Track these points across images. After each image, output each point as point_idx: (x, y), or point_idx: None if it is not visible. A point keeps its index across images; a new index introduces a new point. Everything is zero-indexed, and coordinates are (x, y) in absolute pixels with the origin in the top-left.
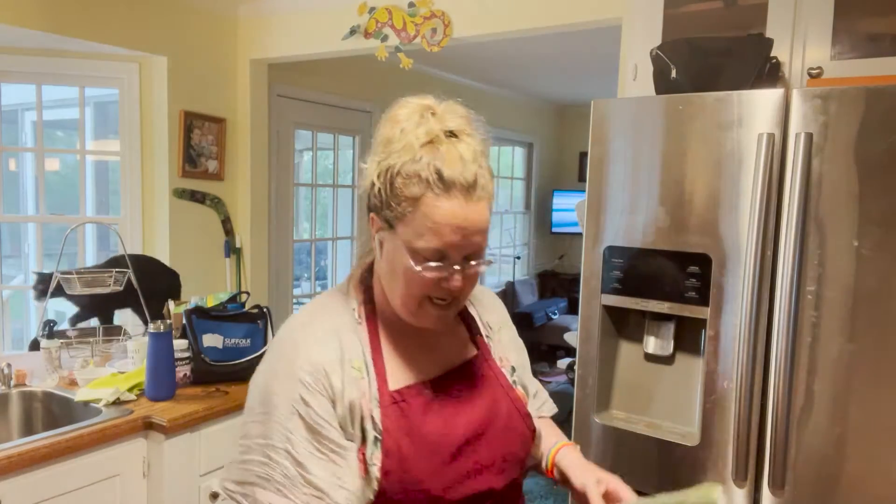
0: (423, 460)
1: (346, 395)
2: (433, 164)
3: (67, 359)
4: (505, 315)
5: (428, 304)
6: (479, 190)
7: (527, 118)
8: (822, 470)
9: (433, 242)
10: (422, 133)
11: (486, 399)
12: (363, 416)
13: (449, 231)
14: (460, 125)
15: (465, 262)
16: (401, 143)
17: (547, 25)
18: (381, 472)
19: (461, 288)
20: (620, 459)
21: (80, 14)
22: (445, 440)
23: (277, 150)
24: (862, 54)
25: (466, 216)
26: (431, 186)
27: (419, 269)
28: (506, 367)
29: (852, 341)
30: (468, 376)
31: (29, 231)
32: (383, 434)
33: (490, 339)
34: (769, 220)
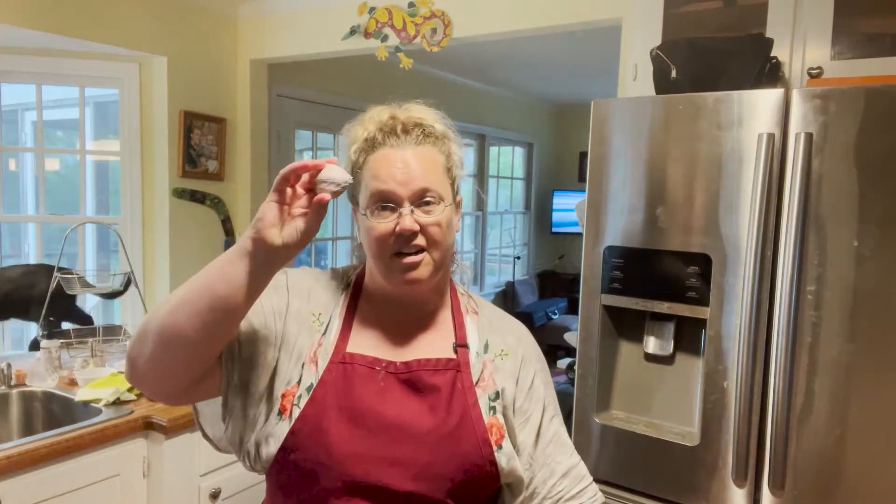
0: (342, 422)
1: (296, 328)
2: (375, 116)
3: (67, 359)
4: (519, 348)
5: (397, 260)
6: (421, 134)
7: (527, 118)
8: (822, 470)
9: (377, 184)
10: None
11: (436, 403)
12: (306, 361)
13: (386, 174)
14: (422, 114)
15: (419, 205)
16: (360, 136)
17: (547, 25)
18: (300, 415)
19: (417, 232)
20: (620, 459)
21: (80, 14)
22: (372, 416)
23: (277, 150)
24: (862, 54)
25: (404, 157)
26: (373, 142)
27: (371, 218)
28: (485, 388)
29: (852, 341)
30: (428, 374)
31: (29, 231)
32: (317, 384)
33: (479, 356)
34: (769, 220)
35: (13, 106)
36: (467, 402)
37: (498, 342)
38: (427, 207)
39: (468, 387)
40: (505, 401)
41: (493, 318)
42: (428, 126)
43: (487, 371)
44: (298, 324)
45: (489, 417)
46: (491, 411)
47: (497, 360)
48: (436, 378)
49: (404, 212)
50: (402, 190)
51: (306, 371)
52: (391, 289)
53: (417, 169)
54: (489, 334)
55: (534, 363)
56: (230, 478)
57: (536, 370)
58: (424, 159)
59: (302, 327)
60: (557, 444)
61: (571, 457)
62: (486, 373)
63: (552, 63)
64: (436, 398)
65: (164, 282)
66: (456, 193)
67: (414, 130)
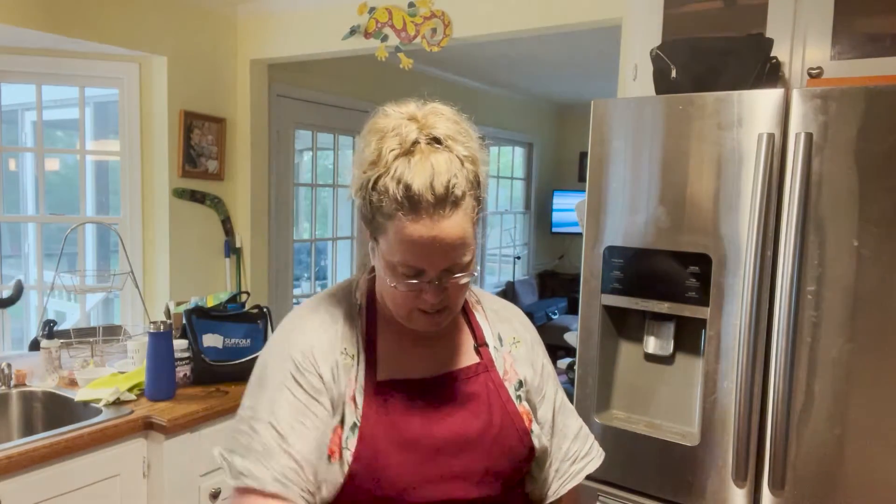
0: (397, 454)
1: (335, 380)
2: (403, 178)
3: (67, 359)
4: (525, 332)
5: (417, 313)
6: (452, 201)
7: (527, 118)
8: (822, 470)
9: (405, 259)
10: (395, 143)
11: (478, 408)
12: (345, 401)
13: (419, 248)
14: (447, 130)
15: (446, 274)
16: (375, 155)
17: (547, 25)
18: (353, 456)
19: (443, 301)
20: (620, 459)
21: (80, 14)
22: (424, 440)
23: (277, 150)
24: (862, 54)
25: (437, 232)
26: (400, 203)
27: (394, 285)
28: (510, 380)
29: (852, 341)
30: (464, 383)
31: (29, 231)
32: (362, 420)
33: (497, 350)
34: (769, 220)
35: (13, 106)
36: (502, 398)
37: (508, 331)
38: (456, 276)
39: (499, 384)
40: (528, 387)
41: (494, 306)
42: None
43: (508, 363)
44: (334, 378)
45: (519, 406)
46: (518, 400)
47: (513, 350)
48: (470, 385)
49: (430, 282)
50: (430, 266)
51: (348, 410)
52: (406, 325)
53: (450, 245)
54: (498, 325)
55: (538, 344)
56: None
57: (541, 351)
58: (456, 233)
59: (339, 374)
60: (566, 411)
61: (577, 419)
62: (508, 365)
63: (552, 63)
64: (476, 404)
65: (164, 282)
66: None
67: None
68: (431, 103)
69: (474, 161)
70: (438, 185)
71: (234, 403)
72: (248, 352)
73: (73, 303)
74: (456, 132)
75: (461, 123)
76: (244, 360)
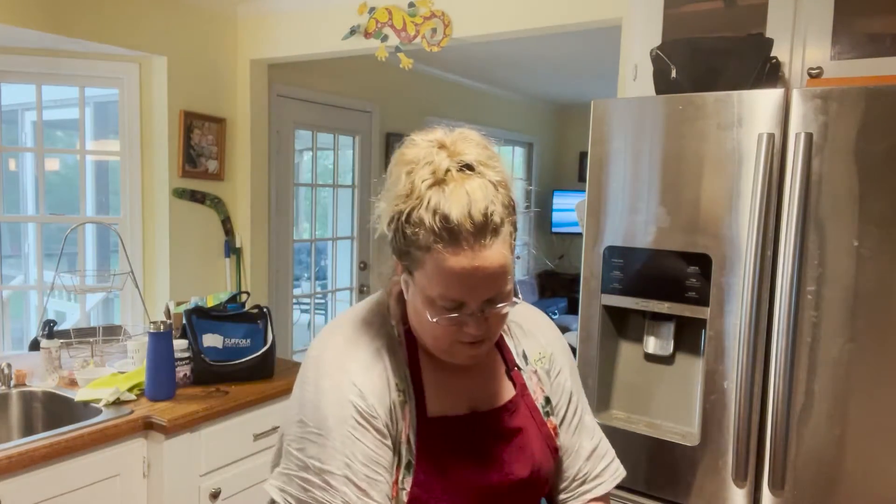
0: (449, 496)
1: (393, 421)
2: (439, 208)
3: (67, 359)
4: (548, 345)
5: (457, 345)
6: (493, 230)
7: (527, 118)
8: (822, 470)
9: (446, 292)
10: (427, 173)
11: (525, 444)
12: (401, 440)
13: (460, 280)
14: (477, 156)
15: (487, 304)
16: (407, 188)
17: (547, 25)
18: (409, 496)
19: (484, 332)
20: (620, 459)
21: (80, 14)
22: (476, 480)
23: (277, 150)
24: (862, 54)
25: (479, 263)
26: (438, 234)
27: (435, 319)
28: (538, 399)
29: (852, 341)
30: (509, 419)
31: (29, 231)
32: (416, 460)
33: (523, 371)
34: (769, 220)
35: (13, 106)
36: (537, 423)
37: (533, 348)
38: (499, 306)
39: (534, 408)
40: (552, 403)
41: (521, 319)
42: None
43: (534, 382)
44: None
45: (548, 422)
46: (546, 415)
47: (539, 368)
48: (515, 420)
49: (472, 314)
50: (471, 298)
51: (404, 449)
52: (445, 358)
53: (491, 275)
54: (524, 342)
55: (560, 357)
56: (230, 478)
57: (563, 365)
58: (497, 262)
59: (397, 413)
60: (582, 430)
61: (593, 438)
62: (534, 384)
63: (552, 63)
64: (523, 439)
65: (164, 282)
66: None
67: (488, 227)
68: (458, 129)
69: (506, 185)
70: (477, 213)
71: (234, 403)
72: (248, 352)
73: (73, 303)
74: (486, 157)
75: (490, 148)
76: (244, 360)
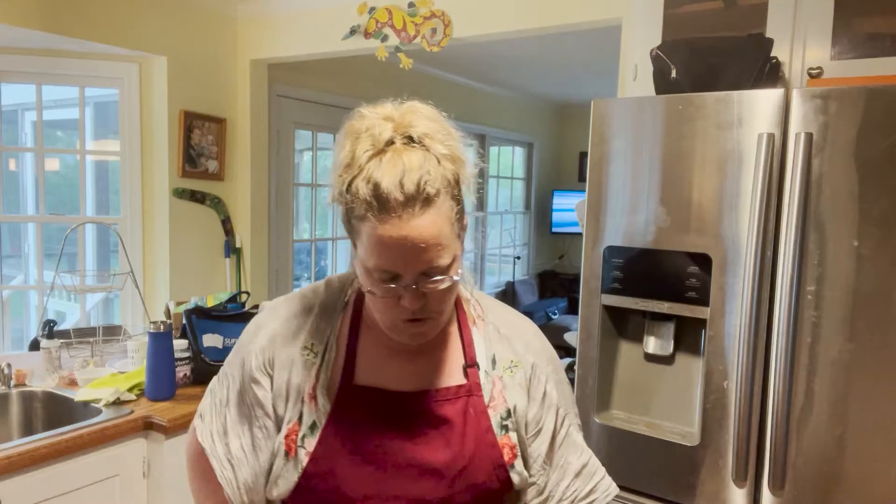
0: (354, 464)
1: (287, 372)
2: (372, 178)
3: (67, 359)
4: (527, 355)
5: (401, 324)
6: (424, 199)
7: (527, 118)
8: (822, 470)
9: (378, 262)
10: (368, 144)
11: (451, 435)
12: (304, 399)
13: (390, 250)
14: (426, 129)
15: (423, 278)
16: (349, 158)
17: (547, 25)
18: (310, 457)
19: (425, 309)
20: (620, 459)
21: (80, 14)
22: (385, 457)
23: (277, 150)
24: (862, 54)
25: (408, 232)
26: (370, 204)
27: (371, 290)
28: (496, 408)
29: (852, 341)
30: (440, 405)
31: (29, 231)
32: (327, 421)
33: (487, 374)
34: (769, 220)
35: (13, 106)
36: (480, 427)
37: (506, 353)
38: (434, 280)
39: (481, 411)
40: (517, 417)
41: (501, 322)
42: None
43: (497, 389)
44: (288, 370)
45: (501, 438)
46: (503, 430)
47: (506, 376)
48: (446, 408)
49: (407, 287)
50: (405, 270)
51: (306, 409)
52: (392, 336)
53: (422, 246)
54: (496, 345)
55: (544, 368)
56: None
57: (548, 374)
58: (427, 233)
59: (293, 368)
60: (570, 446)
61: (581, 455)
62: (496, 391)
63: (552, 63)
64: (449, 431)
65: (164, 282)
66: (463, 226)
67: (420, 196)
68: (409, 102)
69: (454, 160)
70: (408, 183)
71: None
72: None
73: (73, 303)
74: (435, 130)
75: (441, 122)
76: None
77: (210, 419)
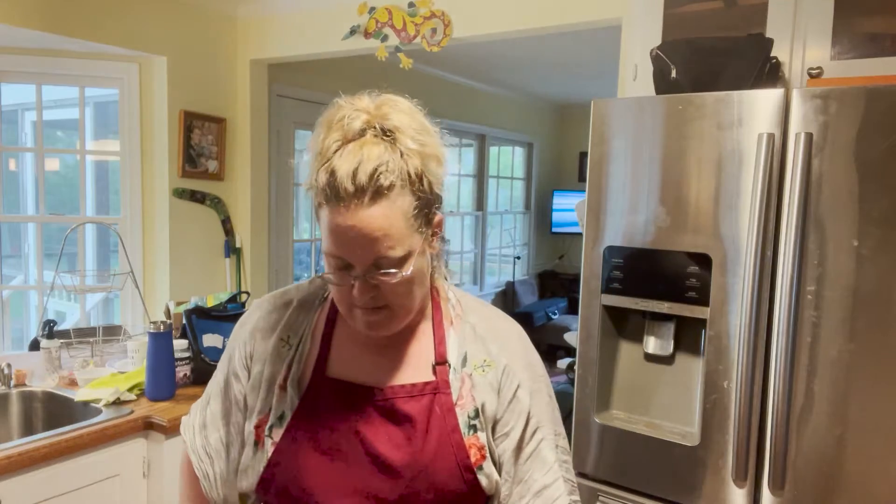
0: (315, 456)
1: (262, 363)
2: (331, 167)
3: (67, 359)
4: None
5: (357, 311)
6: (374, 191)
7: (527, 118)
8: (822, 470)
9: (329, 248)
10: (339, 135)
11: (412, 433)
12: (275, 390)
13: (338, 238)
14: (399, 123)
15: (373, 269)
16: (318, 148)
17: (547, 25)
18: (275, 447)
19: (377, 299)
20: (620, 459)
21: (80, 14)
22: (345, 449)
23: (277, 150)
24: (862, 54)
25: (356, 222)
26: (325, 192)
27: (328, 274)
28: (464, 406)
29: (852, 341)
30: (403, 401)
31: (29, 231)
32: (294, 413)
33: (456, 372)
34: (769, 220)
35: (13, 106)
36: (446, 426)
37: (479, 353)
38: (384, 272)
39: (447, 409)
40: (486, 416)
41: (479, 322)
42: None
43: (466, 387)
44: (263, 361)
45: (469, 438)
46: (471, 430)
47: (476, 374)
48: (411, 405)
49: (357, 277)
50: (353, 259)
51: (276, 399)
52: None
53: (369, 237)
54: (470, 344)
55: (518, 372)
56: None
57: (521, 380)
58: (375, 224)
59: (268, 359)
60: (536, 460)
61: (547, 474)
62: (465, 389)
63: (552, 63)
64: (412, 427)
65: (164, 282)
66: (432, 221)
67: (371, 187)
68: (386, 94)
69: (423, 156)
70: (361, 174)
71: None
72: None
73: (73, 303)
74: (407, 125)
75: (417, 117)
76: None
77: (193, 414)
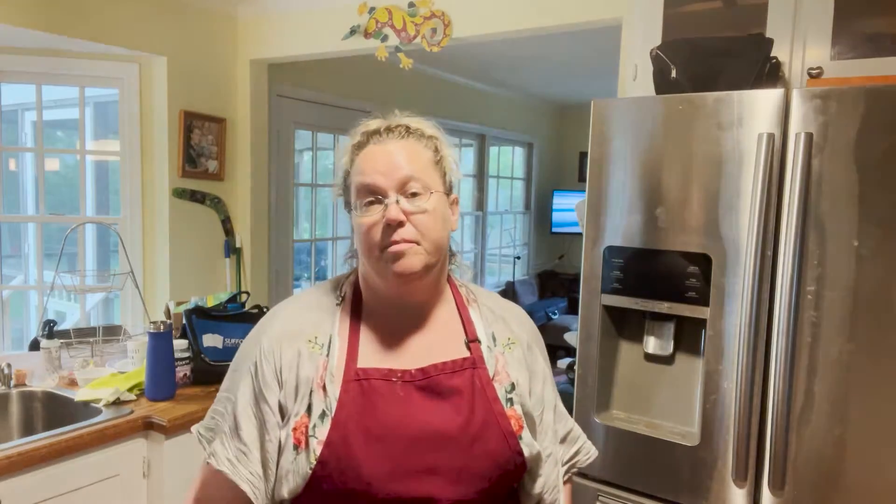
0: (367, 444)
1: (295, 368)
2: (366, 128)
3: (67, 359)
4: (521, 333)
5: (387, 252)
6: (405, 130)
7: (527, 118)
8: (822, 470)
9: (363, 181)
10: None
11: (460, 404)
12: (313, 389)
13: (370, 167)
14: (418, 125)
15: (403, 194)
16: (346, 147)
17: (547, 25)
18: (324, 444)
19: (404, 222)
20: (620, 459)
21: (80, 14)
22: (397, 431)
23: (277, 150)
24: (862, 54)
25: (386, 150)
26: (361, 143)
27: (361, 218)
28: (501, 381)
29: (852, 341)
30: (447, 376)
31: (29, 231)
32: (337, 407)
33: (490, 349)
34: (769, 220)
35: (13, 106)
36: (488, 397)
37: (503, 332)
38: (413, 197)
39: (486, 382)
40: (520, 391)
41: (492, 304)
42: (414, 126)
43: (500, 364)
44: (295, 366)
45: (508, 409)
46: (508, 403)
47: (507, 352)
48: (454, 380)
49: (390, 202)
50: (385, 181)
51: (315, 398)
52: (386, 289)
53: (401, 159)
54: (493, 325)
55: (535, 345)
56: None
57: (540, 349)
58: (409, 151)
59: (300, 362)
60: (557, 415)
61: (567, 423)
62: (500, 366)
63: (552, 63)
64: (458, 399)
65: (164, 282)
66: (450, 190)
67: (398, 129)
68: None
69: (439, 141)
70: (393, 122)
71: None
72: None
73: (73, 303)
74: (426, 127)
75: (439, 129)
76: None
77: (221, 446)
